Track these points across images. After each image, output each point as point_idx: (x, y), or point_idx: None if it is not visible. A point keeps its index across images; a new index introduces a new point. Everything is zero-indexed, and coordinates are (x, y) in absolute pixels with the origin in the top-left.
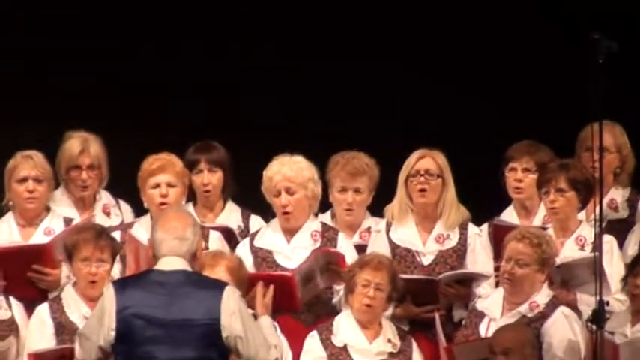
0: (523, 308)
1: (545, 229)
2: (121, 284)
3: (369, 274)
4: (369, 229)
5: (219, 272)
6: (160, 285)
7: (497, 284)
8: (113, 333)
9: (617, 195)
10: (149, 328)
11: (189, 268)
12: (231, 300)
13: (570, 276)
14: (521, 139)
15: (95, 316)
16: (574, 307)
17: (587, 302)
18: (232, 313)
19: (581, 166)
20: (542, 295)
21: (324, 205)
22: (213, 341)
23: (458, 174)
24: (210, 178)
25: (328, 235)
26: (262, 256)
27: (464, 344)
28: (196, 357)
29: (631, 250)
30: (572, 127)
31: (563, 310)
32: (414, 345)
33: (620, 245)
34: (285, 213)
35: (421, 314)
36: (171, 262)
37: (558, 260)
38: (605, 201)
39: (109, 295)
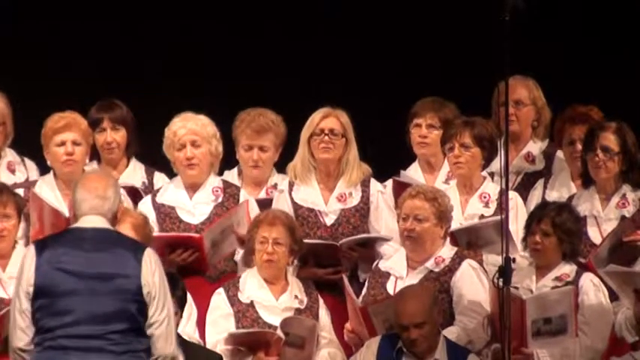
0: (429, 264)
1: (449, 186)
2: (41, 242)
3: (265, 230)
4: (275, 186)
5: (125, 229)
6: (81, 241)
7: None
8: (32, 289)
9: (534, 148)
10: (69, 281)
11: (110, 227)
12: (151, 260)
13: (476, 238)
14: (427, 97)
15: (16, 280)
16: (482, 264)
17: (493, 262)
18: (153, 273)
19: (486, 123)
20: (446, 250)
21: (231, 163)
22: (133, 296)
23: (363, 132)
24: (114, 136)
25: (230, 191)
26: (165, 212)
27: (378, 304)
28: (115, 311)
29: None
30: (478, 84)
31: (469, 262)
32: (321, 302)
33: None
34: (191, 165)
35: (325, 276)
36: (92, 221)
37: (463, 218)
38: (522, 154)
39: (30, 253)
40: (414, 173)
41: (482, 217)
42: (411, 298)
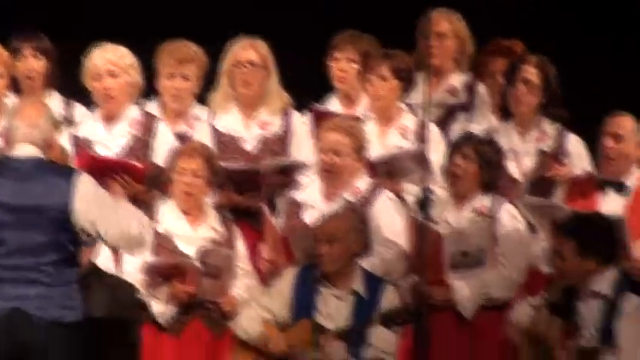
0: (346, 194)
1: (367, 118)
2: None
3: (184, 161)
4: (196, 117)
5: None
6: (11, 171)
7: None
8: None
9: (457, 80)
10: None
11: (42, 156)
12: (83, 185)
13: (396, 168)
14: (347, 29)
15: None
16: (399, 197)
17: (412, 193)
18: (85, 198)
19: (405, 55)
20: (363, 182)
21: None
22: (63, 226)
23: (282, 62)
24: (34, 65)
25: (148, 122)
26: (83, 145)
27: (293, 234)
28: (46, 242)
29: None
30: (401, 17)
31: (387, 193)
32: (238, 232)
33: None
34: (108, 96)
35: (243, 203)
36: (24, 149)
37: (382, 151)
38: (445, 86)
39: None
40: (332, 106)
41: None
42: (333, 217)
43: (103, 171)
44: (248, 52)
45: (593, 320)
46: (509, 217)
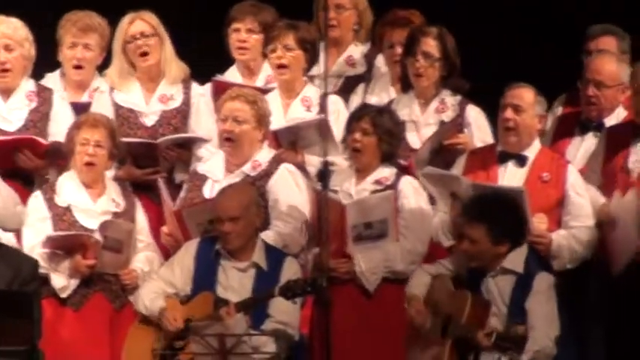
0: (246, 168)
1: (269, 90)
2: None
3: (87, 132)
4: (97, 89)
5: None
6: None
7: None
8: None
9: (356, 51)
10: None
11: None
12: None
13: (298, 138)
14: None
15: None
16: (302, 168)
17: (314, 163)
18: None
19: (309, 26)
20: (264, 154)
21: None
22: None
23: (176, 33)
24: None
25: (44, 95)
26: None
27: (192, 207)
28: None
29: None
30: None
31: (286, 166)
32: (138, 205)
33: None
34: (3, 70)
35: (143, 177)
36: None
37: (285, 122)
38: (344, 57)
39: None
40: (232, 77)
41: None
42: (230, 192)
43: (4, 148)
44: (137, 24)
45: (504, 297)
46: (412, 188)
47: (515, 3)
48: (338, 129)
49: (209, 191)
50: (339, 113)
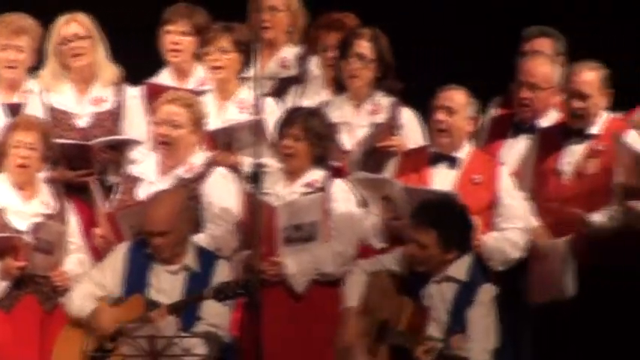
0: (180, 170)
1: (201, 92)
2: None
3: (20, 134)
4: (29, 90)
5: None
6: None
7: (152, 148)
8: None
9: (289, 53)
10: None
11: None
12: None
13: (233, 139)
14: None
15: None
16: (237, 170)
17: (249, 165)
18: None
19: (244, 28)
20: (198, 157)
21: None
22: None
23: (111, 35)
24: None
25: None
26: None
27: (126, 210)
28: None
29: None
30: None
31: (220, 170)
32: (70, 207)
33: None
34: None
35: (75, 179)
36: None
37: (221, 123)
38: (277, 59)
39: None
40: (165, 80)
41: None
42: (157, 206)
43: None
44: (72, 26)
45: (445, 304)
46: (341, 191)
47: (448, 5)
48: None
49: (142, 193)
50: (274, 115)
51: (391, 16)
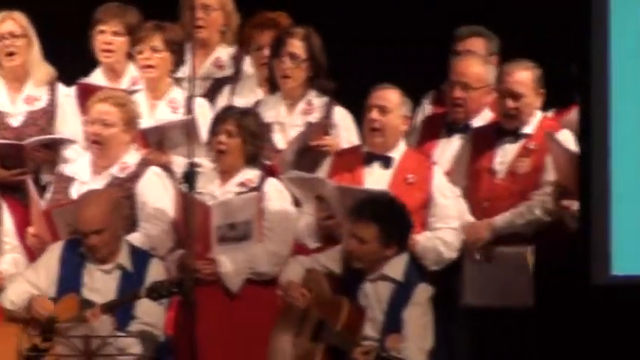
0: (114, 170)
1: (134, 91)
2: None
3: None
4: None
5: None
6: None
7: (86, 147)
8: None
9: (223, 53)
10: None
11: None
12: None
13: (164, 138)
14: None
15: None
16: (168, 169)
17: (181, 164)
18: None
19: (177, 27)
20: (132, 156)
21: None
22: None
23: (42, 35)
24: None
25: None
26: None
27: (62, 207)
28: None
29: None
30: None
31: (154, 169)
32: (4, 206)
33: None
34: None
35: (10, 178)
36: None
37: (153, 122)
38: (212, 59)
39: None
40: (97, 79)
41: None
42: (89, 204)
43: None
44: (7, 23)
45: (381, 304)
46: (276, 191)
47: (382, 4)
48: (204, 131)
49: (76, 193)
50: (205, 116)
51: (324, 15)
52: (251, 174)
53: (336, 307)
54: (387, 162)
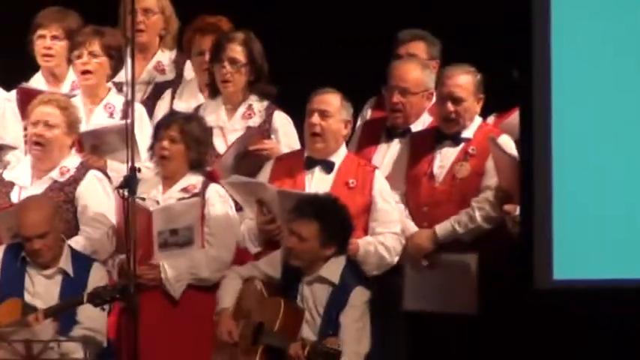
0: (54, 174)
1: (73, 95)
2: None
3: None
4: None
5: None
6: None
7: (26, 152)
8: None
9: (164, 57)
10: None
11: None
12: None
13: (101, 142)
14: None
15: None
16: (104, 173)
17: (116, 169)
18: None
19: (115, 32)
20: (72, 160)
21: None
22: None
23: None
24: None
25: None
26: None
27: (3, 211)
28: None
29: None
30: None
31: (94, 172)
32: None
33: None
34: None
35: None
36: None
37: (87, 127)
38: (152, 64)
39: None
40: (37, 84)
41: None
42: (31, 209)
43: None
44: None
45: (318, 306)
46: (218, 196)
47: (323, 8)
48: (140, 137)
49: (16, 197)
50: (141, 121)
51: (265, 19)
52: (194, 180)
53: (274, 309)
54: (328, 166)
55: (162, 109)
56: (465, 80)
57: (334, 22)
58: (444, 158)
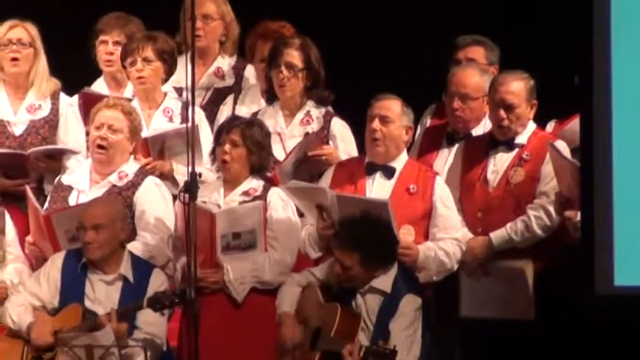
0: (113, 178)
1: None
2: None
3: None
4: None
5: None
6: None
7: (88, 157)
8: None
9: (224, 63)
10: None
11: None
12: None
13: (165, 147)
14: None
15: None
16: (171, 177)
17: (182, 172)
18: None
19: (167, 37)
20: (131, 165)
21: None
22: None
23: (50, 45)
24: None
25: None
26: None
27: (62, 212)
28: None
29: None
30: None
31: (153, 179)
32: (7, 217)
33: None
34: None
35: (12, 187)
36: None
37: (149, 131)
38: (212, 69)
39: None
40: (100, 88)
41: None
42: (98, 200)
43: None
44: (17, 30)
45: (371, 315)
46: (280, 200)
47: (383, 13)
48: (202, 141)
49: (74, 201)
50: (201, 124)
51: (327, 26)
52: (255, 183)
53: (331, 314)
54: (389, 172)
55: (224, 114)
56: (517, 87)
57: (393, 29)
58: (498, 163)
